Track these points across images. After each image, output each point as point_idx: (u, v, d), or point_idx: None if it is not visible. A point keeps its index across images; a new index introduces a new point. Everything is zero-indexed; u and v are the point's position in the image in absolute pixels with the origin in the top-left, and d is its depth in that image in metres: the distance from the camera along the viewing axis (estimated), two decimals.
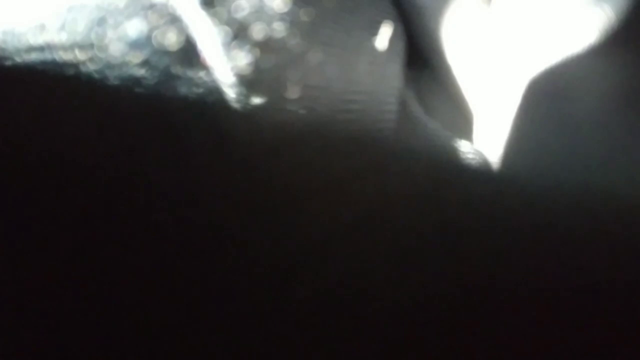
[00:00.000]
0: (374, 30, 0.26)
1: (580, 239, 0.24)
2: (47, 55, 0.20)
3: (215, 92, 0.21)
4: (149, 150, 0.21)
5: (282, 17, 0.23)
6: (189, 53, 0.21)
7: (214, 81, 0.21)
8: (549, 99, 0.26)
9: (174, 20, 0.21)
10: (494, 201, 0.26)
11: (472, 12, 0.29)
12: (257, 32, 0.22)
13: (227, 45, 0.22)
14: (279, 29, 0.22)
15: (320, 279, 0.22)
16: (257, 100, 0.22)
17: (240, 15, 0.22)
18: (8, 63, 0.20)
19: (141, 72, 0.21)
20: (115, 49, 0.21)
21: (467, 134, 0.30)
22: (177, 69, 0.21)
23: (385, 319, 0.22)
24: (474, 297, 0.23)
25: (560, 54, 0.26)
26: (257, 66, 0.22)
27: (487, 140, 0.28)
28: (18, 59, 0.20)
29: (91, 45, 0.20)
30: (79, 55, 0.20)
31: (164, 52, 0.21)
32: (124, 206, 0.20)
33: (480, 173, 0.27)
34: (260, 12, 0.22)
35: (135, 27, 0.21)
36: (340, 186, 0.23)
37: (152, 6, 0.21)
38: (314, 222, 0.23)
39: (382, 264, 0.23)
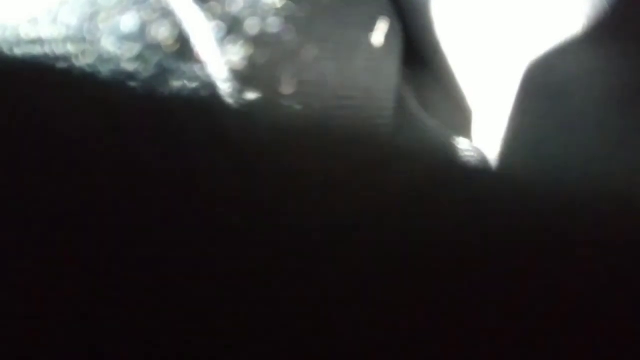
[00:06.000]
0: (370, 26, 0.26)
1: (579, 236, 0.24)
2: (39, 49, 0.20)
3: (209, 87, 0.21)
4: (142, 144, 0.21)
5: (277, 12, 0.22)
6: (182, 48, 0.21)
7: (208, 76, 0.21)
8: (547, 95, 0.26)
9: (168, 14, 0.21)
10: (492, 198, 0.25)
11: (468, 7, 0.29)
12: (252, 27, 0.22)
13: (221, 40, 0.22)
14: (274, 24, 0.22)
15: (318, 278, 0.22)
16: (251, 95, 0.22)
17: (234, 9, 0.22)
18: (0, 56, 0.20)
19: (134, 66, 0.21)
20: (108, 43, 0.21)
21: (465, 131, 0.29)
22: (170, 64, 0.21)
23: (384, 319, 0.22)
24: (473, 296, 0.23)
25: (556, 48, 0.26)
26: (251, 61, 0.22)
27: (485, 138, 0.28)
28: (10, 53, 0.20)
29: (84, 40, 0.20)
30: (72, 50, 0.20)
31: (157, 47, 0.21)
32: (116, 200, 0.20)
33: (478, 170, 0.27)
34: (254, 7, 0.22)
35: (128, 22, 0.21)
36: (336, 184, 0.23)
37: (145, 0, 0.21)
38: (310, 220, 0.23)
39: (380, 263, 0.23)
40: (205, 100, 0.21)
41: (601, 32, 0.26)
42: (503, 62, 0.28)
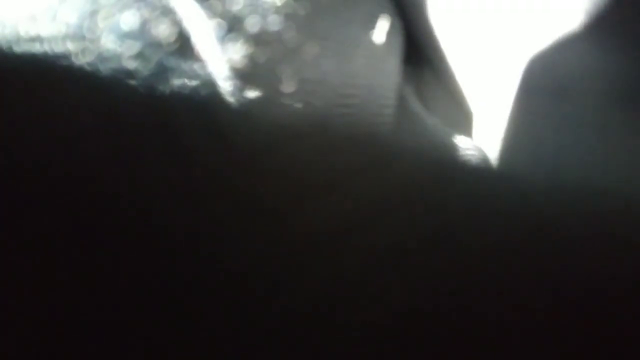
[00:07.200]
0: (371, 24, 0.26)
1: (579, 235, 0.24)
2: (39, 47, 0.20)
3: (209, 85, 0.21)
4: (142, 143, 0.21)
5: (277, 10, 0.22)
6: (183, 46, 0.21)
7: (208, 74, 0.21)
8: (547, 93, 0.26)
9: (168, 12, 0.21)
10: (493, 197, 0.25)
11: (469, 5, 0.29)
12: (252, 25, 0.22)
13: (222, 38, 0.21)
14: (274, 22, 0.22)
15: (318, 278, 0.22)
16: (252, 94, 0.22)
17: (235, 8, 0.22)
18: None
19: (134, 64, 0.21)
20: (108, 41, 0.20)
21: (466, 130, 0.29)
22: (171, 62, 0.21)
23: (384, 319, 0.22)
24: (474, 295, 0.23)
25: (557, 47, 0.26)
26: (252, 60, 0.22)
27: (486, 136, 0.28)
28: (9, 51, 0.20)
29: (84, 38, 0.20)
30: (72, 48, 0.20)
31: (158, 45, 0.21)
32: (115, 198, 0.20)
33: (479, 169, 0.27)
34: (255, 5, 0.22)
35: (128, 19, 0.21)
36: (337, 182, 0.23)
37: None
38: (311, 220, 0.23)
39: (380, 261, 0.23)
40: (205, 99, 0.21)
41: (601, 30, 0.25)
42: (503, 60, 0.28)
